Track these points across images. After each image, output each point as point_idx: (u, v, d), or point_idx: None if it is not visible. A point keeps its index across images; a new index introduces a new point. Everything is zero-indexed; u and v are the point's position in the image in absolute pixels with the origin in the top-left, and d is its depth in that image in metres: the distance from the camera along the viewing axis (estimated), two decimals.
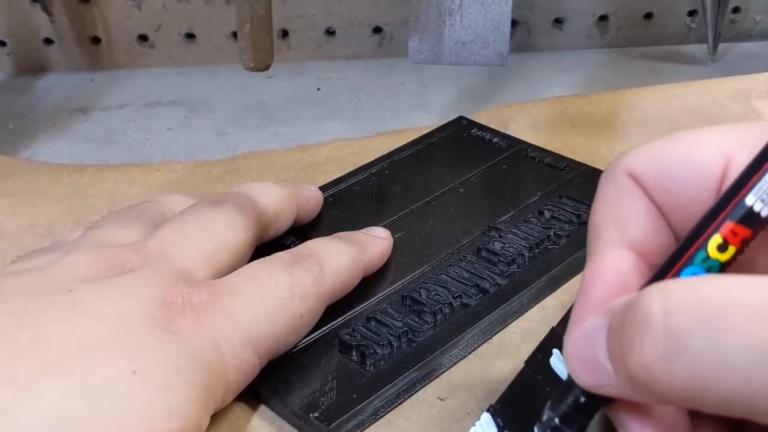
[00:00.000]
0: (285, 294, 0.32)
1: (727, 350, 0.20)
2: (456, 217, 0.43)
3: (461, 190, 0.45)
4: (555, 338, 0.33)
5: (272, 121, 0.57)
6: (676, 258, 0.24)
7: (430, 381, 0.34)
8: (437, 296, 0.37)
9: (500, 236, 0.41)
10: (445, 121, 0.52)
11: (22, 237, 0.43)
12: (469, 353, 0.35)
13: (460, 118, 0.52)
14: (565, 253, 0.40)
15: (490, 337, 0.36)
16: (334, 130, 0.55)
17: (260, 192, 0.38)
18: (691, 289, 0.21)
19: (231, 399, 0.31)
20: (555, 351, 0.32)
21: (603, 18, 0.64)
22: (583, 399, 0.25)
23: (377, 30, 0.63)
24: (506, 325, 0.37)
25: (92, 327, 0.28)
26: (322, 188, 0.44)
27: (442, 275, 0.38)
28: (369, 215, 0.43)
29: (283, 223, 0.39)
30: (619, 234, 0.27)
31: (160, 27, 0.62)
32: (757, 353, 0.19)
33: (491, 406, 0.31)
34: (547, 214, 0.42)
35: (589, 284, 0.26)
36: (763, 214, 0.23)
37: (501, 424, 0.31)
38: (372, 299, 0.37)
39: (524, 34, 0.64)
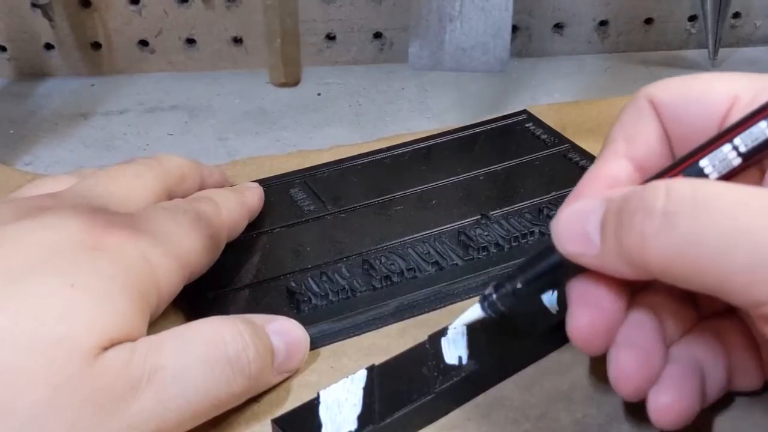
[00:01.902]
0: (193, 216, 0.36)
1: (705, 232, 0.24)
2: (459, 201, 0.44)
3: (481, 178, 0.46)
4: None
5: (273, 127, 0.57)
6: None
7: (348, 337, 0.37)
8: (392, 265, 0.39)
9: (486, 225, 0.42)
10: (445, 127, 0.52)
11: None
12: (391, 323, 0.38)
13: (523, 111, 0.53)
14: (534, 249, 0.40)
15: (422, 312, 0.38)
16: (335, 135, 0.55)
17: (165, 156, 0.41)
18: (689, 184, 0.26)
19: (164, 308, 0.34)
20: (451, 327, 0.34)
21: (603, 23, 0.64)
22: (545, 270, 0.30)
23: (377, 35, 0.63)
24: (445, 305, 0.38)
25: (24, 255, 0.30)
26: (366, 154, 0.49)
27: (408, 249, 0.41)
28: (382, 187, 0.46)
29: (190, 186, 0.41)
30: (626, 147, 0.31)
31: (160, 32, 0.62)
32: (728, 237, 0.24)
33: (373, 365, 0.33)
34: (544, 213, 0.43)
35: (587, 179, 0.31)
36: (711, 177, 0.28)
37: (374, 382, 0.33)
38: (336, 258, 0.40)
39: (525, 40, 0.64)
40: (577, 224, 0.29)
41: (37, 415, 0.27)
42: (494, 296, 0.32)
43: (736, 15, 0.64)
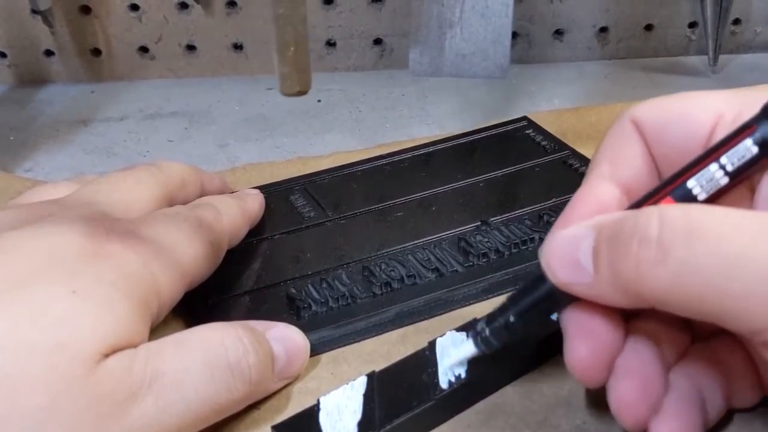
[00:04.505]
0: (194, 223, 0.36)
1: (701, 258, 0.24)
2: (459, 208, 0.44)
3: (481, 184, 0.46)
4: (469, 328, 0.34)
5: (273, 133, 0.57)
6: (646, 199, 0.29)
7: (348, 343, 0.37)
8: (392, 272, 0.39)
9: (487, 231, 0.42)
10: (445, 133, 0.52)
11: None
12: (391, 330, 0.37)
13: (523, 118, 0.53)
14: (535, 256, 0.40)
15: (422, 319, 0.38)
16: (335, 141, 0.55)
17: (165, 162, 0.41)
18: (682, 210, 0.25)
19: (165, 314, 0.33)
20: (452, 333, 0.34)
21: (603, 30, 0.64)
22: (540, 300, 0.30)
23: (378, 42, 0.63)
24: (445, 312, 0.38)
25: (25, 261, 0.29)
26: (366, 160, 0.49)
27: (408, 255, 0.40)
28: (382, 193, 0.46)
29: (191, 192, 0.41)
30: (611, 170, 0.31)
31: (160, 39, 0.62)
32: (724, 263, 0.24)
33: (373, 372, 0.33)
34: (545, 219, 0.42)
35: (573, 205, 0.31)
36: (700, 198, 0.28)
37: (374, 389, 0.32)
38: (336, 264, 0.40)
39: (525, 46, 0.64)
40: (567, 252, 0.28)
41: (38, 421, 0.27)
42: (487, 332, 0.31)
43: (737, 21, 0.64)
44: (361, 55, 0.64)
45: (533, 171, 0.47)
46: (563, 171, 0.47)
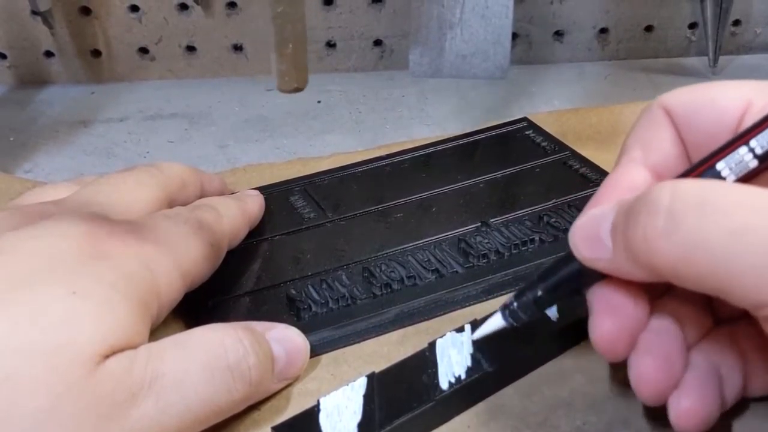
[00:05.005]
0: (194, 224, 0.36)
1: (711, 231, 0.24)
2: (459, 209, 0.44)
3: (481, 185, 0.46)
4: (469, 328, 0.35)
5: (273, 134, 0.57)
6: None
7: (348, 344, 0.37)
8: (392, 273, 0.39)
9: (486, 232, 0.42)
10: (445, 134, 0.52)
11: None
12: (391, 330, 0.37)
13: (523, 119, 0.53)
14: (535, 257, 0.40)
15: (422, 320, 0.38)
16: (335, 142, 0.55)
17: (165, 163, 0.41)
18: (696, 184, 0.26)
19: (165, 315, 0.34)
20: (452, 334, 0.35)
21: (603, 31, 0.64)
22: (566, 277, 0.30)
23: (378, 43, 0.63)
24: (445, 312, 0.38)
25: (25, 262, 0.30)
26: (366, 161, 0.49)
27: (408, 256, 0.40)
28: (382, 194, 0.46)
29: (191, 193, 0.41)
30: (642, 154, 0.32)
31: (160, 40, 0.62)
32: (732, 237, 0.24)
33: (373, 372, 0.33)
34: (545, 220, 0.42)
35: (605, 188, 0.31)
36: (729, 180, 0.28)
37: (374, 389, 0.33)
38: (336, 265, 0.40)
39: (525, 47, 0.64)
40: (591, 229, 0.29)
41: (37, 423, 0.27)
42: (515, 305, 0.31)
43: (737, 22, 0.64)
44: (361, 56, 0.64)
45: (533, 172, 0.47)
46: (563, 172, 0.47)
